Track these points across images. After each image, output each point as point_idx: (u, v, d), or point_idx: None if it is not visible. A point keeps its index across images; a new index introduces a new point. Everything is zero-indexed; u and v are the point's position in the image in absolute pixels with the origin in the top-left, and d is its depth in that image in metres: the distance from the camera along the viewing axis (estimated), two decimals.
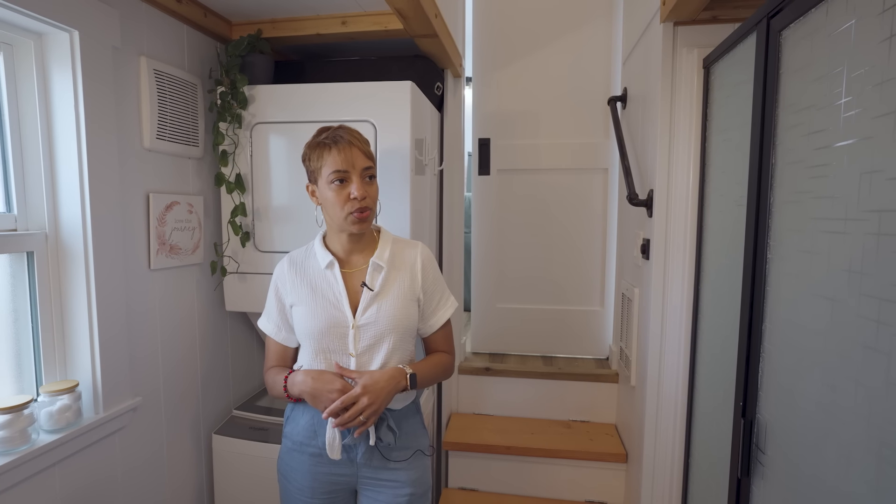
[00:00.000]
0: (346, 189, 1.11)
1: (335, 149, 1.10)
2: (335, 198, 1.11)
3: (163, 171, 1.56)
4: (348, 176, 1.10)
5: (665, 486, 1.64)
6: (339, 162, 1.09)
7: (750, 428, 1.06)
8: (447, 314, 1.26)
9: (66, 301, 1.31)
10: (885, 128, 0.69)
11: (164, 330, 1.58)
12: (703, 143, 1.47)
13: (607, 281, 2.50)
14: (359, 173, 1.11)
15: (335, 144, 1.10)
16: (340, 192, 1.11)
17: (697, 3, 1.35)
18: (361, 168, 1.11)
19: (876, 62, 0.72)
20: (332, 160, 1.10)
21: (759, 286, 1.04)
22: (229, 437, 1.71)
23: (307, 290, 1.18)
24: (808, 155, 0.88)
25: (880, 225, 0.70)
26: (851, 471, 0.76)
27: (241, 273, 1.74)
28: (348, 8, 1.66)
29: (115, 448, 1.40)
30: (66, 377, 1.33)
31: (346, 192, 1.10)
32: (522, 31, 2.49)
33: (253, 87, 1.68)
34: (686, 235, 1.53)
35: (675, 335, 1.58)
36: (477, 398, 2.39)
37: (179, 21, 1.59)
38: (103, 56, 1.31)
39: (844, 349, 0.78)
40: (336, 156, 1.09)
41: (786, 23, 0.95)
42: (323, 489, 1.19)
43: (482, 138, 2.56)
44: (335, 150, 1.09)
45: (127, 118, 1.42)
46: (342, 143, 1.10)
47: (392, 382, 1.11)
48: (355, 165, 1.10)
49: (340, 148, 1.09)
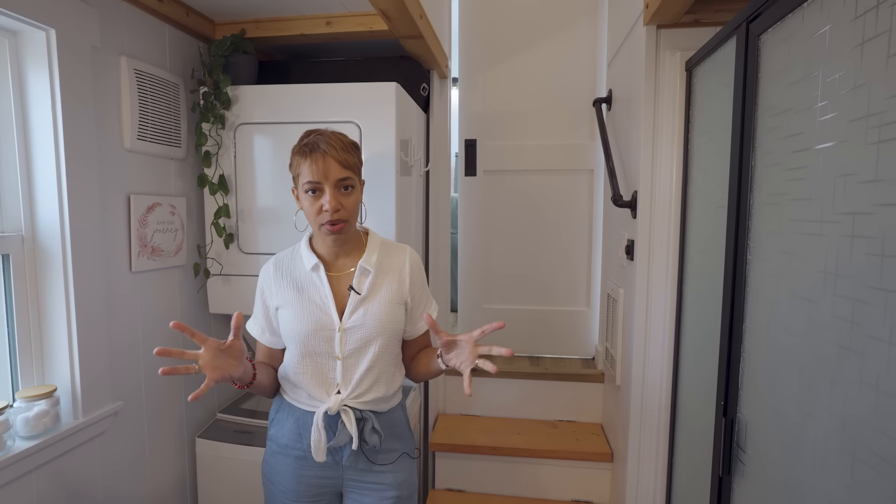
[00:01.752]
0: (318, 200, 1.09)
1: (310, 158, 1.07)
2: (309, 207, 1.10)
3: (144, 172, 1.54)
4: (321, 187, 1.08)
5: (649, 484, 1.65)
6: (311, 172, 1.07)
7: (731, 427, 1.07)
8: (433, 315, 1.27)
9: (44, 304, 1.29)
10: (859, 132, 0.71)
11: (147, 333, 1.56)
12: (686, 145, 1.48)
13: (593, 281, 2.52)
14: (332, 184, 1.08)
15: (311, 154, 1.08)
16: (314, 203, 1.09)
17: (680, 7, 1.36)
18: (335, 179, 1.08)
19: (850, 67, 0.73)
20: (306, 169, 1.08)
21: (740, 287, 1.05)
22: (213, 441, 1.69)
23: (293, 292, 1.17)
24: (786, 157, 0.89)
25: (854, 227, 0.71)
26: (827, 468, 0.77)
27: (224, 275, 1.73)
28: (333, 8, 1.66)
29: (95, 453, 1.38)
30: (44, 382, 1.31)
31: (319, 204, 1.09)
32: (508, 32, 2.50)
33: (236, 87, 1.66)
34: (669, 236, 1.55)
35: (658, 335, 1.59)
36: (464, 399, 2.39)
37: (161, 20, 1.57)
38: (82, 55, 1.29)
39: (820, 349, 0.79)
40: (310, 165, 1.07)
41: (764, 27, 0.97)
42: (308, 492, 1.19)
43: (468, 139, 2.56)
44: (310, 160, 1.07)
45: (107, 118, 1.40)
46: (317, 152, 1.07)
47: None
48: (328, 177, 1.08)
49: (315, 158, 1.07)
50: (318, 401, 1.16)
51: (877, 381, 0.67)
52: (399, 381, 1.23)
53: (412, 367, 1.27)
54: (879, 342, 0.66)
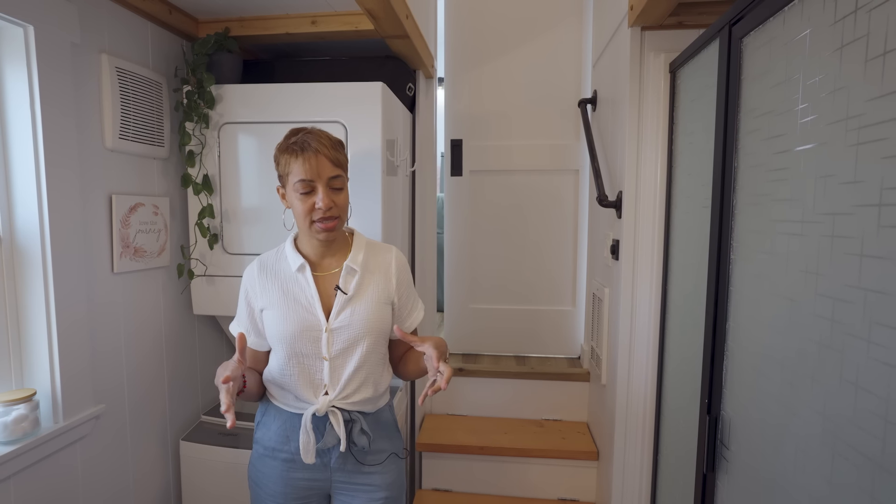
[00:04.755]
0: (311, 199, 1.09)
1: (302, 157, 1.07)
2: (300, 206, 1.09)
3: (126, 171, 1.51)
4: (313, 185, 1.08)
5: (635, 481, 1.67)
6: (304, 171, 1.07)
7: (715, 424, 1.09)
8: (420, 315, 1.28)
9: (23, 307, 1.26)
10: (838, 134, 0.72)
11: (129, 335, 1.53)
12: (670, 146, 1.50)
13: (578, 281, 2.54)
14: (325, 183, 1.08)
15: (302, 152, 1.07)
16: (306, 201, 1.09)
17: (664, 9, 1.38)
18: (328, 177, 1.09)
19: (829, 70, 0.75)
20: (298, 168, 1.07)
21: (724, 286, 1.07)
22: (197, 444, 1.67)
23: (278, 293, 1.15)
24: (768, 159, 0.91)
25: (834, 227, 0.73)
26: (808, 464, 0.78)
27: (209, 276, 1.71)
28: (318, 7, 1.65)
29: (77, 458, 1.36)
30: (23, 385, 1.28)
31: (312, 202, 1.08)
32: (494, 32, 2.51)
33: (220, 86, 1.64)
34: (654, 236, 1.56)
35: (643, 334, 1.61)
36: (450, 399, 2.39)
37: (143, 18, 1.55)
38: (61, 52, 1.26)
39: (802, 347, 0.80)
40: (302, 164, 1.07)
41: (746, 30, 0.98)
42: (296, 494, 1.18)
43: (454, 139, 2.56)
44: (302, 159, 1.07)
45: (88, 117, 1.38)
46: (309, 151, 1.07)
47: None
48: (321, 175, 1.08)
49: (307, 157, 1.07)
50: (306, 402, 1.15)
51: (856, 378, 0.68)
52: (387, 382, 1.23)
53: (400, 366, 1.27)
54: (859, 340, 0.68)
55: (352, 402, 1.15)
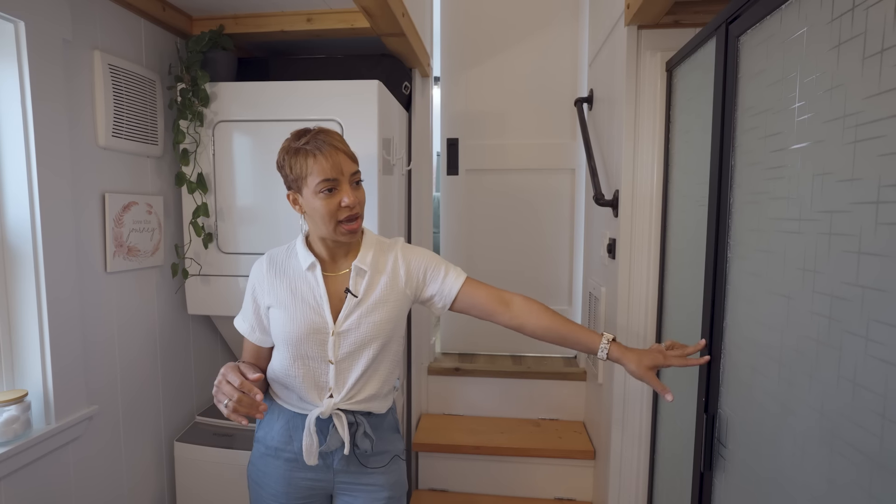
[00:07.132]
0: (336, 198, 1.04)
1: (321, 156, 1.02)
2: (325, 207, 1.04)
3: (120, 170, 1.50)
4: (338, 184, 1.04)
5: (632, 481, 1.67)
6: (327, 170, 1.02)
7: (712, 423, 1.09)
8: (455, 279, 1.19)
9: (14, 307, 1.25)
10: (835, 132, 0.72)
11: (123, 335, 1.52)
12: (667, 145, 1.50)
13: (575, 280, 2.54)
14: (348, 179, 1.05)
15: (320, 151, 1.02)
16: (330, 201, 1.04)
17: (660, 8, 1.38)
18: (350, 173, 1.06)
19: (826, 68, 0.74)
20: (319, 168, 1.02)
21: (720, 284, 1.07)
22: (192, 444, 1.66)
23: (286, 292, 1.12)
24: (765, 157, 0.91)
25: (831, 225, 0.72)
26: (806, 462, 0.78)
27: (203, 275, 1.69)
28: (314, 5, 1.64)
29: (69, 460, 1.34)
30: (14, 386, 1.27)
31: (337, 201, 1.04)
32: (490, 31, 2.50)
33: (215, 84, 1.63)
34: (650, 235, 1.56)
35: (640, 333, 1.61)
36: (447, 398, 2.39)
37: (136, 14, 1.53)
38: (53, 49, 1.25)
39: (799, 345, 0.80)
40: (323, 163, 1.02)
41: (743, 28, 0.98)
42: (298, 494, 1.16)
43: (450, 138, 2.56)
44: (321, 158, 1.02)
45: (80, 115, 1.36)
46: (327, 149, 1.03)
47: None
48: (344, 172, 1.04)
49: (327, 155, 1.02)
50: (310, 404, 1.13)
51: (854, 375, 0.68)
52: (392, 382, 1.21)
53: (534, 321, 1.18)
54: (856, 337, 0.68)
55: (357, 403, 1.14)
